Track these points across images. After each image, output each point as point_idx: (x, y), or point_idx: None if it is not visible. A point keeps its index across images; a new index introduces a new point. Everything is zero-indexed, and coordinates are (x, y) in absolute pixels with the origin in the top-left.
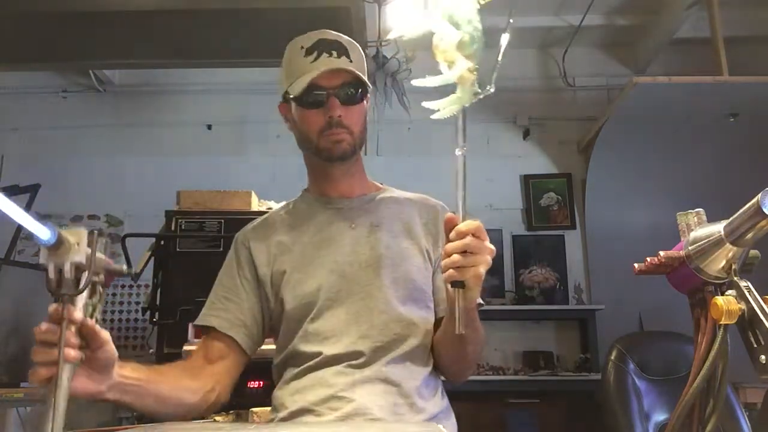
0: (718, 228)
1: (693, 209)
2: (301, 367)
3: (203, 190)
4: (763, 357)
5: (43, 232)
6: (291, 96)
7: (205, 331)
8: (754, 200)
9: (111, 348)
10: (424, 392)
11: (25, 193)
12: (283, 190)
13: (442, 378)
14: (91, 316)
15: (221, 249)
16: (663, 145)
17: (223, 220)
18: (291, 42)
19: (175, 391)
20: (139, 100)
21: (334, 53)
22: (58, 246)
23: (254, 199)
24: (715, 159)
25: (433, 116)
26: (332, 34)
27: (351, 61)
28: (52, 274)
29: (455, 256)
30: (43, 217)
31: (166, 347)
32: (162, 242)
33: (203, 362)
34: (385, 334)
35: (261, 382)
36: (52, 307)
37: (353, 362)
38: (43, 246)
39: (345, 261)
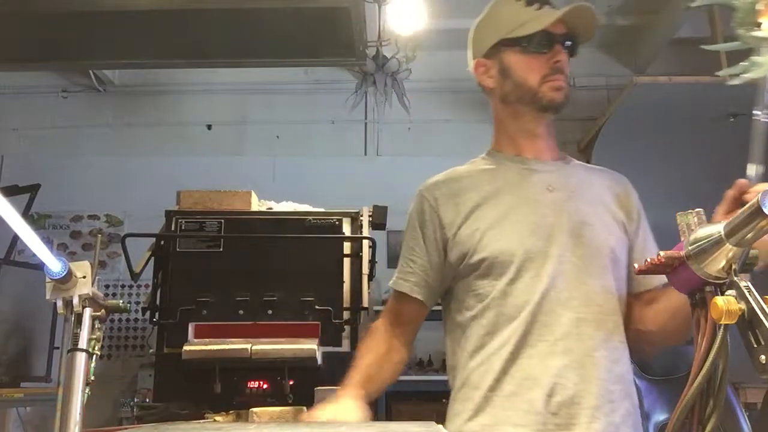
0: (718, 228)
1: (693, 209)
2: (500, 338)
3: (203, 190)
4: (763, 357)
5: (54, 264)
6: (520, 36)
7: (394, 293)
8: (754, 200)
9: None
10: (627, 375)
11: (25, 193)
12: (283, 190)
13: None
14: (93, 350)
15: (221, 249)
16: (663, 145)
17: (223, 220)
18: (493, 1)
19: (392, 374)
20: (139, 100)
21: (554, 7)
22: (66, 279)
23: (254, 199)
24: (715, 159)
25: (734, 80)
26: None
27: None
28: (61, 309)
29: None
30: (43, 217)
31: (166, 347)
32: (162, 242)
33: (397, 328)
34: (587, 305)
35: (261, 382)
36: None
37: (554, 332)
38: (51, 279)
39: (545, 223)
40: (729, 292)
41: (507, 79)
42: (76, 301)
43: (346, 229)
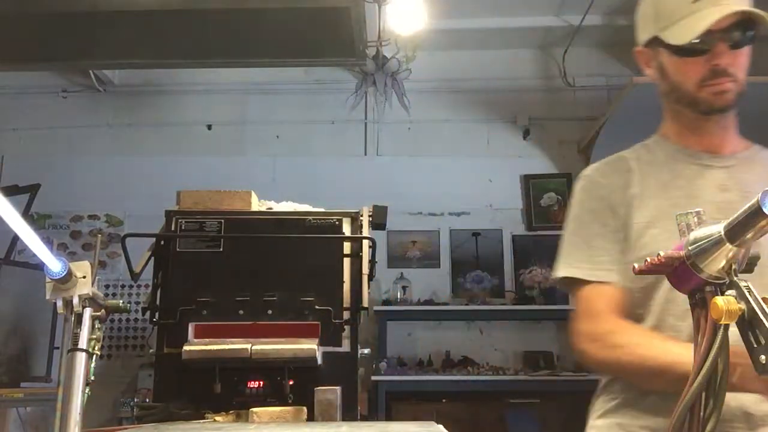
0: (718, 228)
1: (693, 209)
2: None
3: (203, 190)
4: (763, 357)
5: (54, 264)
6: (670, 43)
7: (589, 289)
8: (754, 200)
9: None
10: None
11: (25, 193)
12: (283, 190)
13: None
14: (93, 350)
15: (221, 249)
16: None
17: (223, 220)
18: None
19: None
20: (139, 100)
21: None
22: (66, 279)
23: (254, 199)
24: None
25: None
26: None
27: None
28: (61, 309)
29: None
30: (43, 217)
31: (166, 347)
32: (162, 242)
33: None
34: None
35: (261, 382)
36: None
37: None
38: (51, 279)
39: None
40: (729, 292)
41: (664, 78)
42: (76, 301)
43: (346, 229)
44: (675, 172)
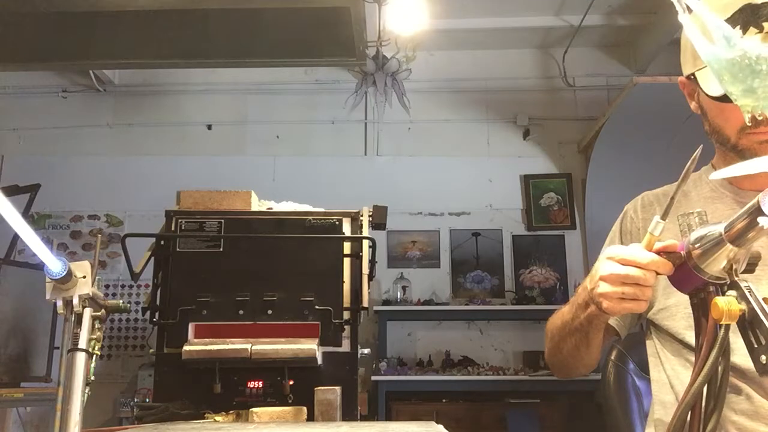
0: (719, 228)
1: (694, 210)
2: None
3: (203, 190)
4: (763, 357)
5: (54, 264)
6: (702, 90)
7: None
8: (754, 200)
9: None
10: None
11: (25, 193)
12: (283, 190)
13: None
14: (93, 350)
15: (221, 249)
16: (663, 145)
17: (223, 220)
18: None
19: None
20: (139, 100)
21: (766, 25)
22: (66, 279)
23: (254, 199)
24: None
25: None
26: None
27: None
28: (61, 309)
29: None
30: (43, 217)
31: (166, 347)
32: (162, 242)
33: None
34: None
35: (261, 382)
36: None
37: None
38: (51, 279)
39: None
40: (730, 292)
41: (704, 118)
42: (76, 301)
43: (346, 229)
44: (716, 212)
